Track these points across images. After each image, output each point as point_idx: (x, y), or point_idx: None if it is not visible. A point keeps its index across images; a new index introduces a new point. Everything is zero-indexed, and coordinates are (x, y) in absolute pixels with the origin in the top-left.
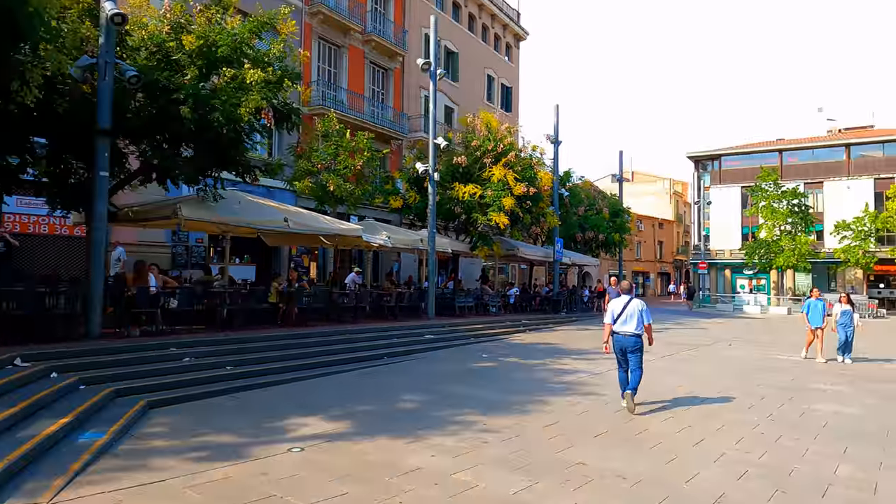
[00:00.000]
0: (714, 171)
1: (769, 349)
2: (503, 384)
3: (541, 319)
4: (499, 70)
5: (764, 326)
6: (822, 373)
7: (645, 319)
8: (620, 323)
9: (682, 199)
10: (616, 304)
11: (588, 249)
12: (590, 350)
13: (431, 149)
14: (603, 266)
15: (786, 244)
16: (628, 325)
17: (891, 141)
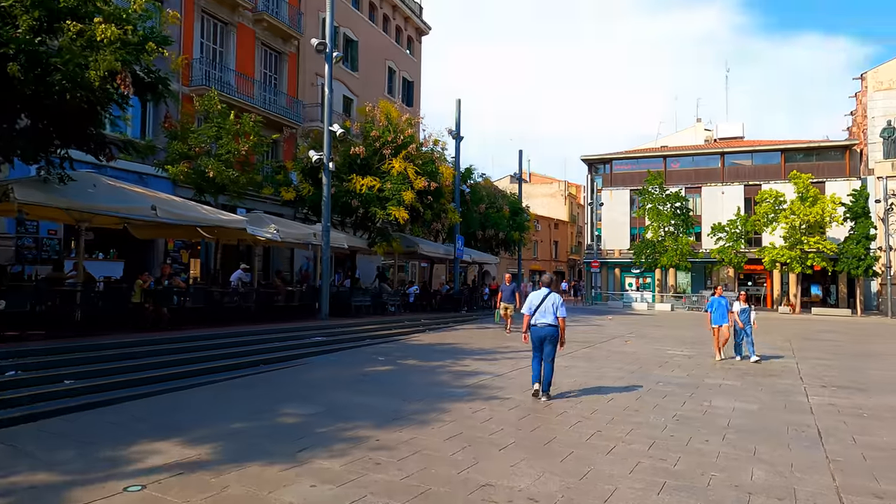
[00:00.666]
0: (606, 175)
1: (661, 345)
2: (400, 390)
3: (441, 318)
4: (400, 63)
5: (652, 322)
6: (714, 368)
7: (560, 313)
8: (538, 315)
9: (575, 201)
10: (535, 296)
11: (488, 248)
12: (491, 349)
13: (326, 136)
14: (502, 265)
15: (669, 244)
16: (546, 318)
17: (758, 151)
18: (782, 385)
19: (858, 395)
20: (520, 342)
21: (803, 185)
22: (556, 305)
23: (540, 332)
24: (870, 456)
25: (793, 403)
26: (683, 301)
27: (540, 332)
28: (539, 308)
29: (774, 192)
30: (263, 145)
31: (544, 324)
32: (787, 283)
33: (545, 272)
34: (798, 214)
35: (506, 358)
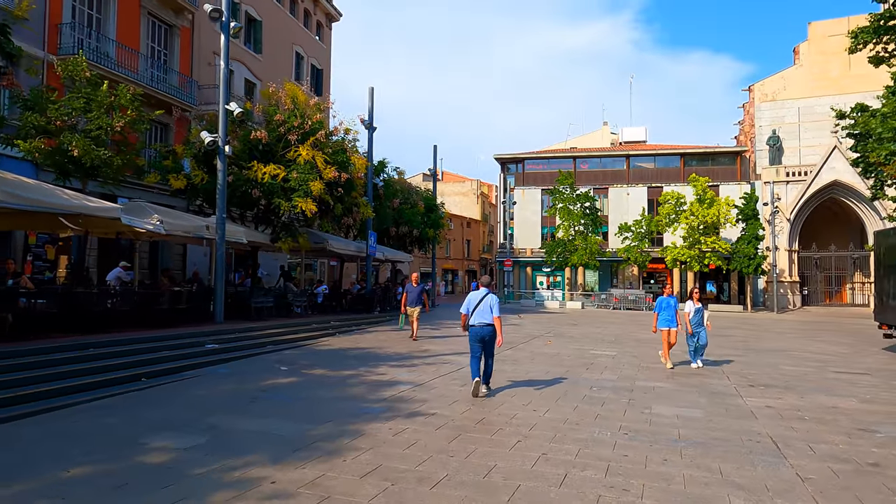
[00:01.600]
0: (518, 174)
1: (581, 344)
2: (305, 408)
3: (352, 320)
4: (308, 49)
5: (566, 320)
6: (641, 369)
7: (495, 312)
8: (477, 315)
9: (487, 200)
10: (473, 297)
11: (402, 245)
12: (408, 354)
13: (222, 114)
14: (415, 263)
15: (579, 244)
16: (484, 317)
17: (660, 155)
18: (713, 386)
19: (788, 395)
20: (438, 345)
21: (701, 188)
22: (493, 305)
23: (480, 332)
24: (838, 470)
25: (732, 408)
26: (593, 299)
27: (480, 331)
28: (477, 308)
29: (676, 194)
30: (144, 122)
31: (483, 324)
32: (685, 281)
33: (458, 271)
34: (697, 215)
35: (425, 364)
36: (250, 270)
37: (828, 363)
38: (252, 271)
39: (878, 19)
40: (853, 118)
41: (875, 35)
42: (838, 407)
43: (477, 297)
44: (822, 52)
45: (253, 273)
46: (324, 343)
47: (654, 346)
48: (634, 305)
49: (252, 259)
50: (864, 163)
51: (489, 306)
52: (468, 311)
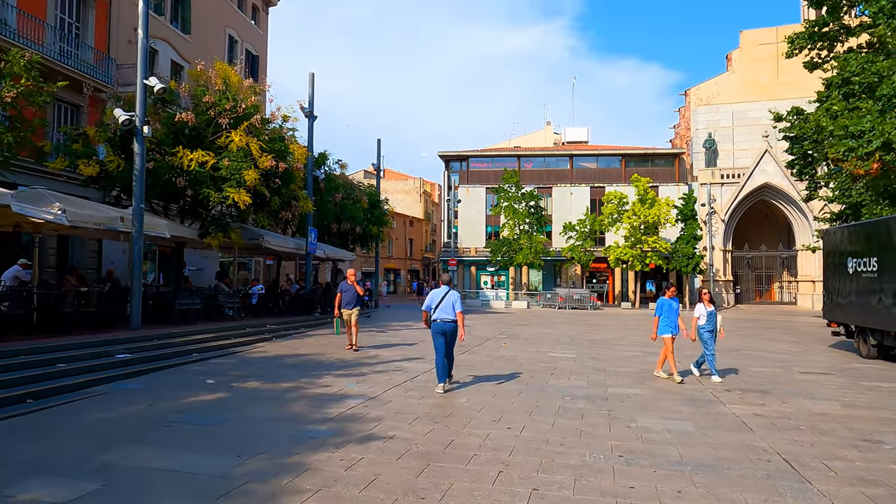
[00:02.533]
0: (463, 172)
1: (538, 346)
2: (234, 434)
3: (291, 323)
4: (243, 32)
5: (515, 321)
6: (608, 374)
7: (458, 308)
8: (440, 311)
9: (431, 199)
10: (436, 294)
11: (343, 242)
12: (355, 361)
13: (139, 90)
14: (357, 262)
15: (524, 243)
16: (447, 313)
17: (602, 155)
18: (689, 391)
19: (770, 400)
20: (387, 351)
21: (643, 188)
22: (455, 302)
23: (442, 327)
24: (875, 496)
25: (720, 417)
26: (538, 299)
27: (444, 327)
28: (440, 305)
29: (619, 194)
30: (43, 95)
31: (446, 319)
32: (626, 280)
33: (400, 270)
34: (639, 215)
35: (376, 372)
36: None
37: (789, 363)
38: (177, 270)
39: (812, 25)
40: (790, 121)
41: (810, 41)
42: (827, 413)
43: (439, 295)
44: (752, 60)
45: (177, 271)
46: (259, 349)
47: (610, 346)
48: (579, 305)
49: (177, 256)
50: (799, 164)
51: (451, 303)
52: (430, 308)
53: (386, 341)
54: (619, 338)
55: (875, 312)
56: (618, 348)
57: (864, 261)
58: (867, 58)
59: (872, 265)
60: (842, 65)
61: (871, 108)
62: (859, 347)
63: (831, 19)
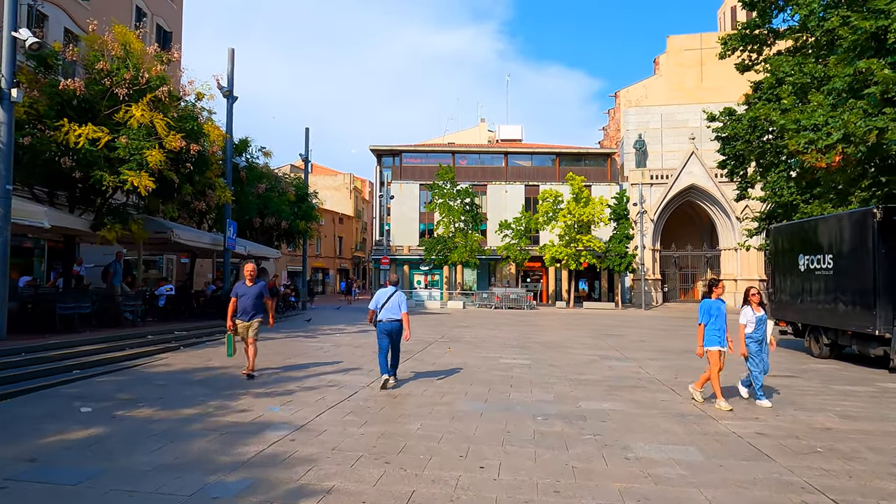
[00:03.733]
0: (395, 167)
1: (486, 351)
2: (103, 494)
3: (204, 329)
4: (154, 5)
5: (455, 322)
6: (571, 383)
7: (403, 308)
8: (386, 311)
9: (361, 195)
10: (382, 294)
11: (268, 239)
12: (280, 374)
13: (6, 43)
14: (282, 261)
15: (460, 241)
16: (393, 313)
17: (537, 153)
18: (669, 404)
19: (759, 411)
20: (318, 359)
21: (578, 187)
22: (401, 302)
23: (388, 327)
24: None
25: (723, 439)
26: (474, 298)
27: (388, 326)
28: (386, 305)
29: (554, 192)
30: None
31: (391, 319)
32: (560, 279)
33: (329, 270)
34: (574, 214)
35: (305, 389)
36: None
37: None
38: (65, 267)
39: (744, 27)
40: (723, 121)
41: (742, 42)
42: (831, 428)
43: (385, 294)
44: (679, 64)
45: (66, 270)
46: (160, 362)
47: (562, 350)
48: (516, 304)
49: (67, 252)
50: (731, 164)
51: (397, 303)
52: (377, 308)
53: (316, 349)
54: (567, 339)
55: (829, 311)
56: (571, 352)
57: (818, 258)
58: (797, 60)
59: (827, 262)
60: (775, 66)
61: (823, 102)
62: (810, 347)
63: (761, 23)
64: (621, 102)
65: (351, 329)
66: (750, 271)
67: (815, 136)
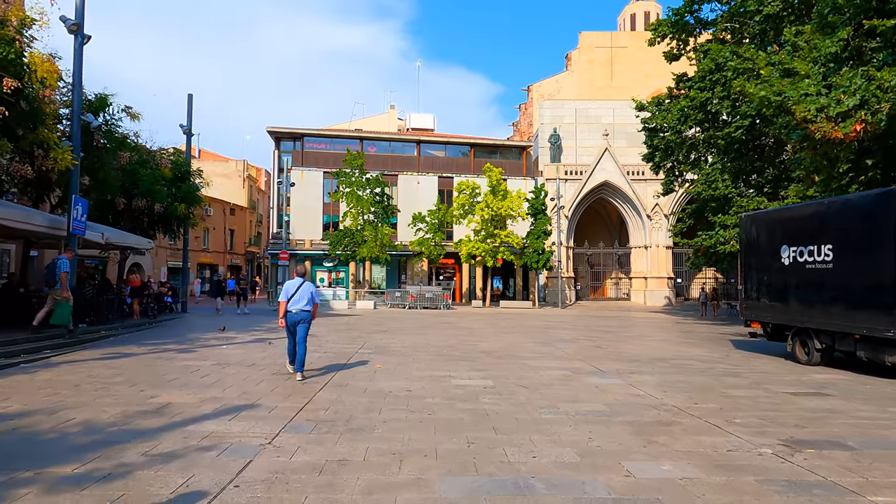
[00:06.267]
0: (297, 152)
1: (428, 366)
2: None
3: (31, 344)
4: None
5: (370, 325)
6: (569, 419)
7: (314, 299)
8: (294, 302)
9: (256, 185)
10: (291, 285)
11: (138, 226)
12: (127, 421)
13: None
14: (160, 255)
15: (369, 234)
16: (300, 304)
17: (451, 143)
18: (740, 455)
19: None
20: (188, 396)
21: (496, 179)
22: (312, 293)
23: (296, 317)
24: None
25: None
26: (385, 298)
27: (295, 317)
28: (295, 296)
29: (472, 184)
30: None
31: (299, 309)
32: (474, 277)
33: (219, 266)
34: (492, 207)
35: (156, 459)
36: None
37: (720, 372)
38: None
39: (674, 14)
40: (651, 111)
41: (672, 29)
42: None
43: (294, 286)
44: (590, 61)
45: None
46: None
47: (519, 362)
48: (432, 304)
49: None
50: (660, 154)
51: (308, 293)
52: (287, 299)
53: (191, 370)
54: (512, 346)
55: (825, 312)
56: (529, 364)
57: (811, 250)
58: (732, 48)
59: (824, 255)
60: (714, 52)
61: (813, 72)
62: (794, 352)
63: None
64: (534, 96)
65: (240, 338)
66: (659, 269)
67: (826, 101)
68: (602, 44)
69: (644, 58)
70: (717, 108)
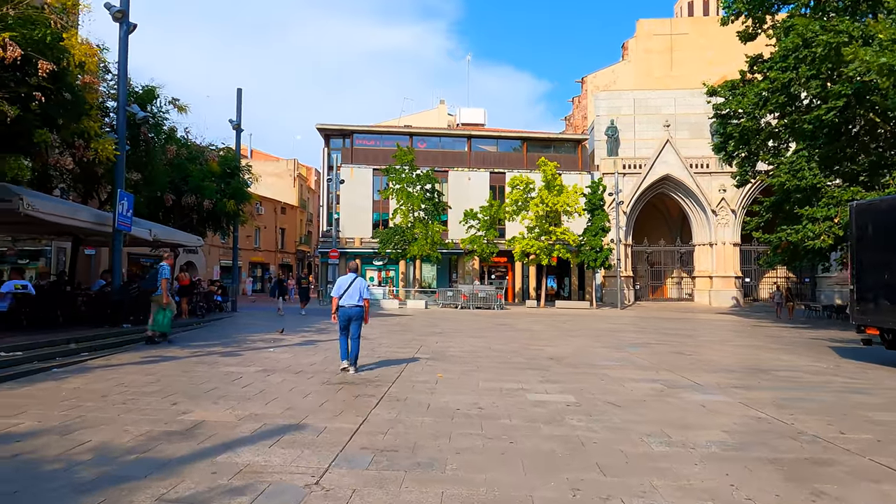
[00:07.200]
0: (346, 150)
1: (492, 375)
2: None
3: (65, 344)
4: None
5: (423, 326)
6: (700, 455)
7: (364, 295)
8: (347, 297)
9: (306, 184)
10: (343, 280)
11: (188, 223)
12: (146, 447)
13: None
14: (213, 254)
15: (419, 232)
16: (353, 300)
17: (503, 138)
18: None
19: None
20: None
21: (550, 173)
22: (362, 289)
23: (349, 312)
24: None
25: None
26: (437, 297)
27: (349, 312)
28: (347, 291)
29: (525, 178)
30: None
31: (352, 304)
32: (527, 276)
33: (270, 265)
34: (547, 203)
35: (204, 502)
36: None
37: (841, 387)
38: None
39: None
40: (724, 96)
41: (749, 6)
42: None
43: (346, 282)
44: (647, 50)
45: None
46: None
47: (594, 372)
48: (485, 304)
49: None
50: (733, 142)
51: (358, 289)
52: (339, 294)
53: (232, 379)
54: (581, 351)
55: None
56: (608, 374)
57: None
58: (821, 22)
59: None
60: (802, 26)
61: None
62: None
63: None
64: (588, 88)
65: (292, 339)
66: (726, 268)
67: None
68: (660, 31)
69: (706, 44)
70: (802, 89)
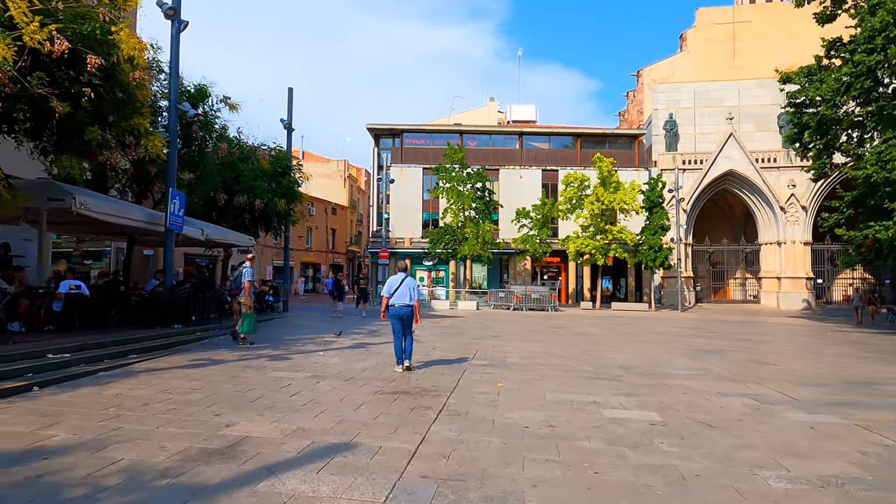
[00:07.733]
0: (395, 149)
1: (557, 385)
2: None
3: (115, 346)
4: None
5: (476, 329)
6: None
7: (415, 295)
8: (397, 297)
9: (356, 185)
10: (394, 280)
11: (240, 223)
12: (183, 468)
13: None
14: (266, 254)
15: (470, 231)
16: (403, 299)
17: (555, 134)
18: None
19: None
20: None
21: (606, 170)
22: (412, 289)
23: (399, 312)
24: None
25: None
26: (488, 298)
27: (399, 311)
28: (398, 291)
29: (580, 176)
30: None
31: (403, 304)
32: (580, 276)
33: (321, 265)
34: (603, 200)
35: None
36: None
37: None
38: None
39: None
40: (800, 83)
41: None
42: None
43: (397, 281)
44: (707, 40)
45: None
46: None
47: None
48: (538, 305)
49: None
50: (809, 132)
51: (408, 289)
52: (389, 294)
53: (281, 385)
54: (652, 359)
55: None
56: (689, 386)
57: None
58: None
59: None
60: (894, 2)
61: None
62: None
63: None
64: (644, 81)
65: (346, 341)
66: (796, 268)
67: None
68: (722, 20)
69: (772, 32)
70: (891, 72)
